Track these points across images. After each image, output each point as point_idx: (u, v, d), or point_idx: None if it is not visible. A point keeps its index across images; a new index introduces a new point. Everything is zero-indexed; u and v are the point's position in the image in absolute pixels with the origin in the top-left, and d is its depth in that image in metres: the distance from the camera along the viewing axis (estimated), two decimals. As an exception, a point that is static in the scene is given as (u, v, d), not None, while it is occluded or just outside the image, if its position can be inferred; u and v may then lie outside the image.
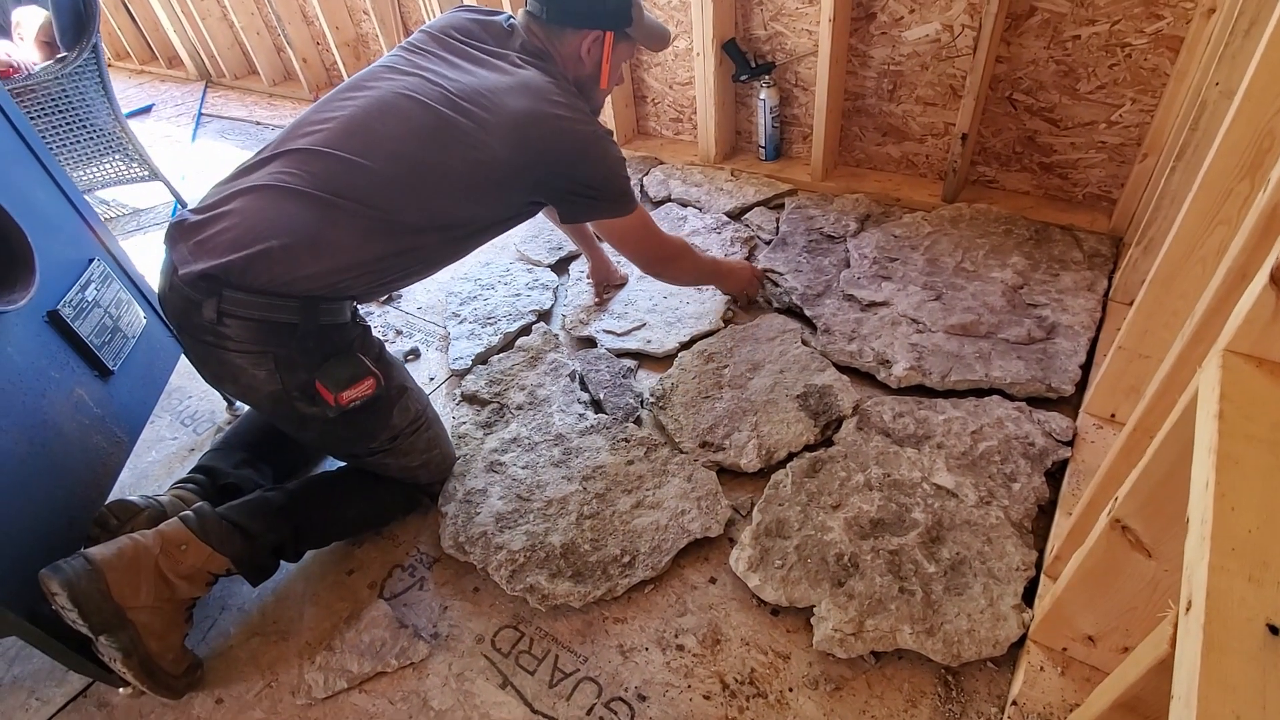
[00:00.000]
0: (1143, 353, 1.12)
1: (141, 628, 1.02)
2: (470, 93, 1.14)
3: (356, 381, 1.08)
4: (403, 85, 1.14)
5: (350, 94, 1.16)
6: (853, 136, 2.07)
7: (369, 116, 1.11)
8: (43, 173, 1.33)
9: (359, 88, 1.17)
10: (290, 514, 1.16)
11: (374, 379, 1.10)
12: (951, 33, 1.74)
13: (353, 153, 1.08)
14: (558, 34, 1.25)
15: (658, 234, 1.40)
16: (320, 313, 1.07)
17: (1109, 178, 1.75)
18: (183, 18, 3.60)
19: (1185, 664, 0.41)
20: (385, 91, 1.14)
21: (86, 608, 0.97)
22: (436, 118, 1.11)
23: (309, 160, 1.08)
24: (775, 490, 1.23)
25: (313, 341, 1.07)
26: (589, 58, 1.28)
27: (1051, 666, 0.93)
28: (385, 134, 1.10)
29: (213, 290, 1.01)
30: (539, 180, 1.19)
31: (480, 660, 1.11)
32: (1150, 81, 1.57)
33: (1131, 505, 0.71)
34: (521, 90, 1.15)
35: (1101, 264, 1.60)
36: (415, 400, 1.25)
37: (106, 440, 1.28)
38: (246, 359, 1.06)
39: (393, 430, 1.20)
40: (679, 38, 2.20)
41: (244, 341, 1.04)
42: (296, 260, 1.03)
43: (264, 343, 1.05)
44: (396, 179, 1.08)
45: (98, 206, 2.69)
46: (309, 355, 1.07)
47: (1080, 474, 1.17)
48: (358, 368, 1.09)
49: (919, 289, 1.60)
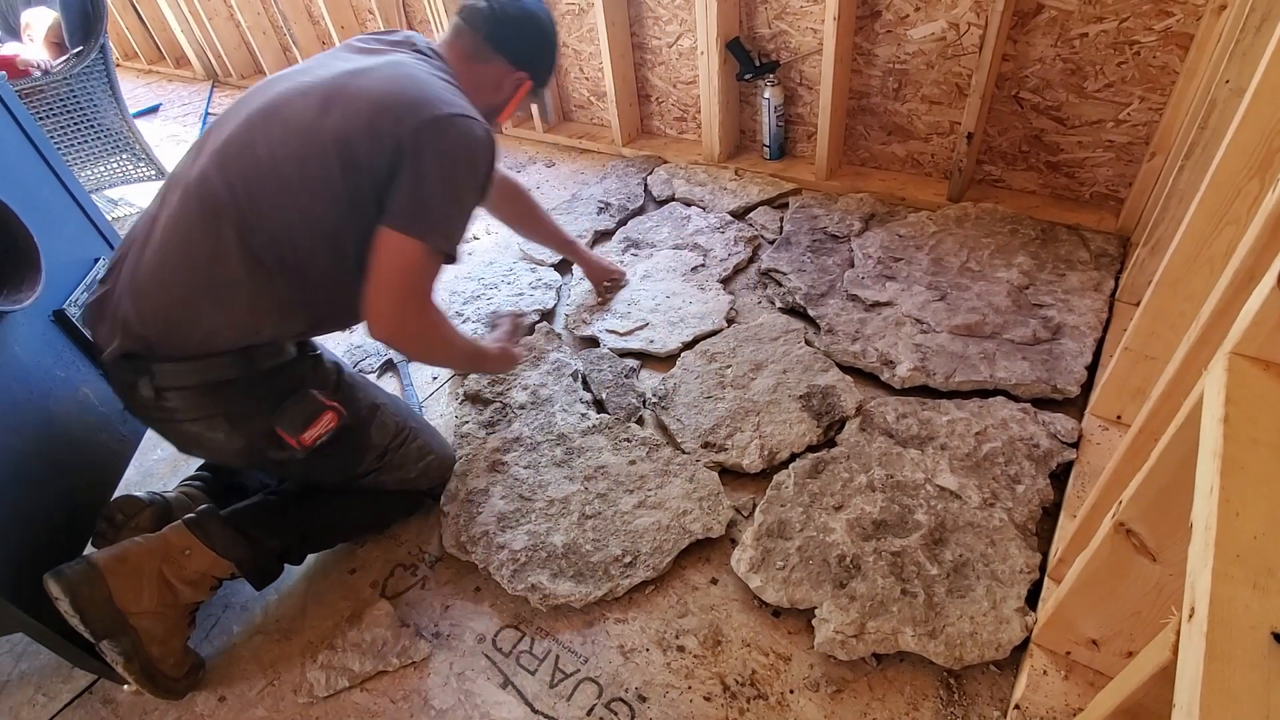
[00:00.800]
0: (1149, 354, 1.11)
1: (143, 633, 1.02)
2: (333, 81, 1.02)
3: (314, 420, 1.04)
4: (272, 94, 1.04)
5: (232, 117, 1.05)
6: (857, 135, 2.06)
7: (239, 141, 1.00)
8: (48, 172, 1.33)
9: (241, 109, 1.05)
10: (295, 518, 1.16)
11: (333, 412, 1.06)
12: (957, 31, 1.73)
13: (228, 183, 0.98)
14: (488, 58, 1.15)
15: (430, 300, 1.07)
16: (257, 359, 1.02)
17: (1116, 177, 1.73)
18: (190, 18, 3.62)
19: (1187, 673, 0.41)
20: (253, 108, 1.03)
21: (88, 613, 0.97)
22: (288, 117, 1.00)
23: (194, 197, 0.99)
24: (777, 491, 1.22)
25: (259, 390, 1.03)
26: (500, 95, 1.19)
27: (1055, 670, 0.93)
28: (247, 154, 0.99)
29: (142, 369, 0.98)
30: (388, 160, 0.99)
31: (481, 660, 1.11)
32: (1159, 79, 1.56)
33: (1136, 509, 0.71)
34: (387, 67, 1.03)
35: (1108, 264, 1.58)
36: (392, 414, 1.21)
37: (112, 438, 1.29)
38: (199, 425, 1.02)
39: (377, 450, 1.18)
40: (682, 37, 2.20)
41: (190, 410, 1.01)
42: (201, 316, 0.98)
43: (210, 406, 1.01)
44: (257, 202, 0.98)
45: (105, 205, 2.70)
46: (260, 405, 1.03)
47: (1085, 476, 1.16)
48: (311, 405, 1.04)
49: (923, 289, 1.59)
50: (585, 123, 2.67)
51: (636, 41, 2.30)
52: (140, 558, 1.03)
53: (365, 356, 1.74)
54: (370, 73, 1.04)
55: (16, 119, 1.27)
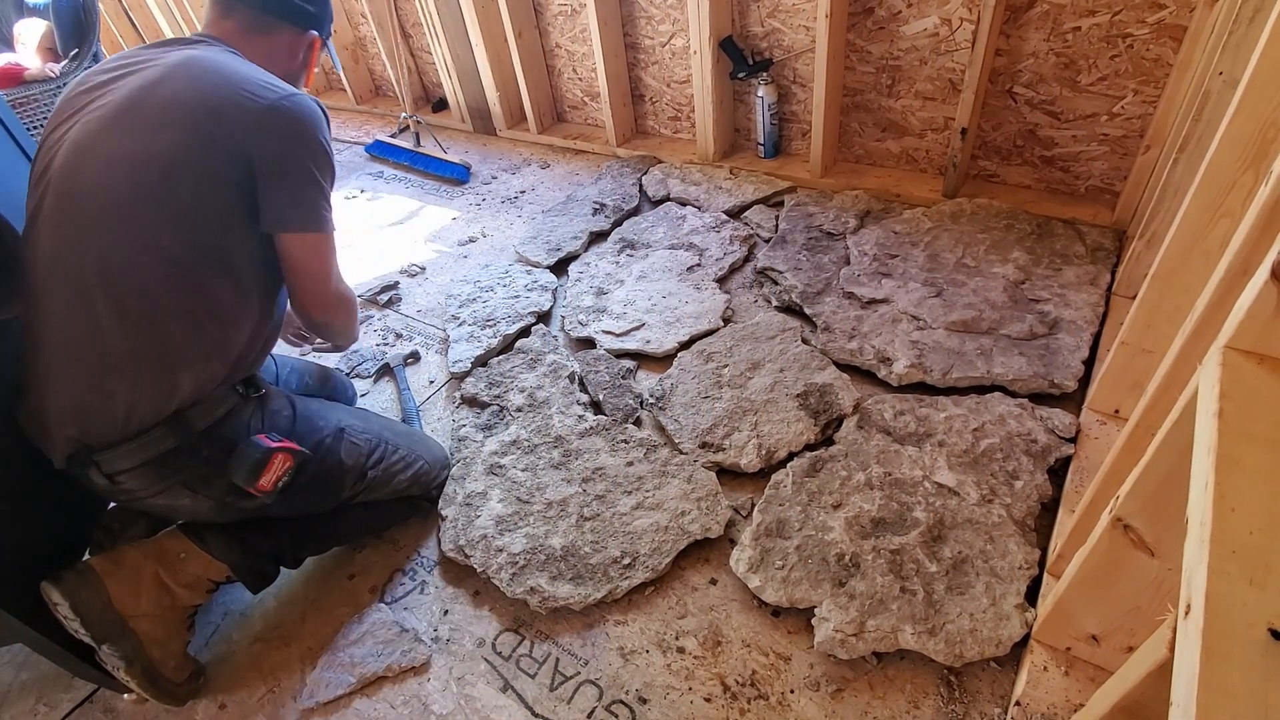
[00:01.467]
0: (1146, 348, 1.11)
1: (143, 636, 1.02)
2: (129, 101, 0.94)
3: (264, 466, 1.00)
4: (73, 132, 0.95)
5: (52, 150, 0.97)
6: (852, 132, 2.06)
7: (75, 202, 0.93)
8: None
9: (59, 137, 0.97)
10: (288, 521, 1.16)
11: (284, 453, 1.02)
12: (950, 26, 1.73)
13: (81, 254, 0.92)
14: (275, 28, 1.10)
15: (337, 273, 1.11)
16: (191, 420, 0.98)
17: (1111, 170, 1.73)
18: (183, 23, 3.61)
19: (1184, 670, 0.40)
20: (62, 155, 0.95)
21: (89, 617, 0.98)
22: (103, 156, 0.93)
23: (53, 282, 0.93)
24: (775, 490, 1.22)
25: (205, 451, 1.00)
26: (296, 62, 1.15)
27: (1055, 666, 0.92)
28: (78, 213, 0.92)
29: (86, 462, 0.96)
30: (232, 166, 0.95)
31: (481, 664, 1.11)
32: (1153, 72, 1.56)
33: (1133, 504, 0.70)
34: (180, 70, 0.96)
35: (1104, 258, 1.58)
36: (361, 433, 1.19)
37: (107, 448, 1.28)
38: (162, 499, 1.01)
39: (354, 471, 1.16)
40: (675, 36, 2.19)
41: (147, 487, 0.99)
42: (113, 399, 0.94)
43: (164, 478, 0.99)
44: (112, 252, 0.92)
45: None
46: (210, 464, 1.00)
47: (1083, 471, 1.16)
48: (255, 452, 1.00)
49: (920, 285, 1.58)
50: (579, 123, 2.67)
51: (629, 41, 2.30)
52: (137, 561, 1.04)
53: (361, 362, 1.74)
54: (167, 80, 0.95)
55: (9, 129, 1.27)
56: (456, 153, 2.66)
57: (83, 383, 0.94)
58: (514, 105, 2.68)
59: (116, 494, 1.02)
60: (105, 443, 0.96)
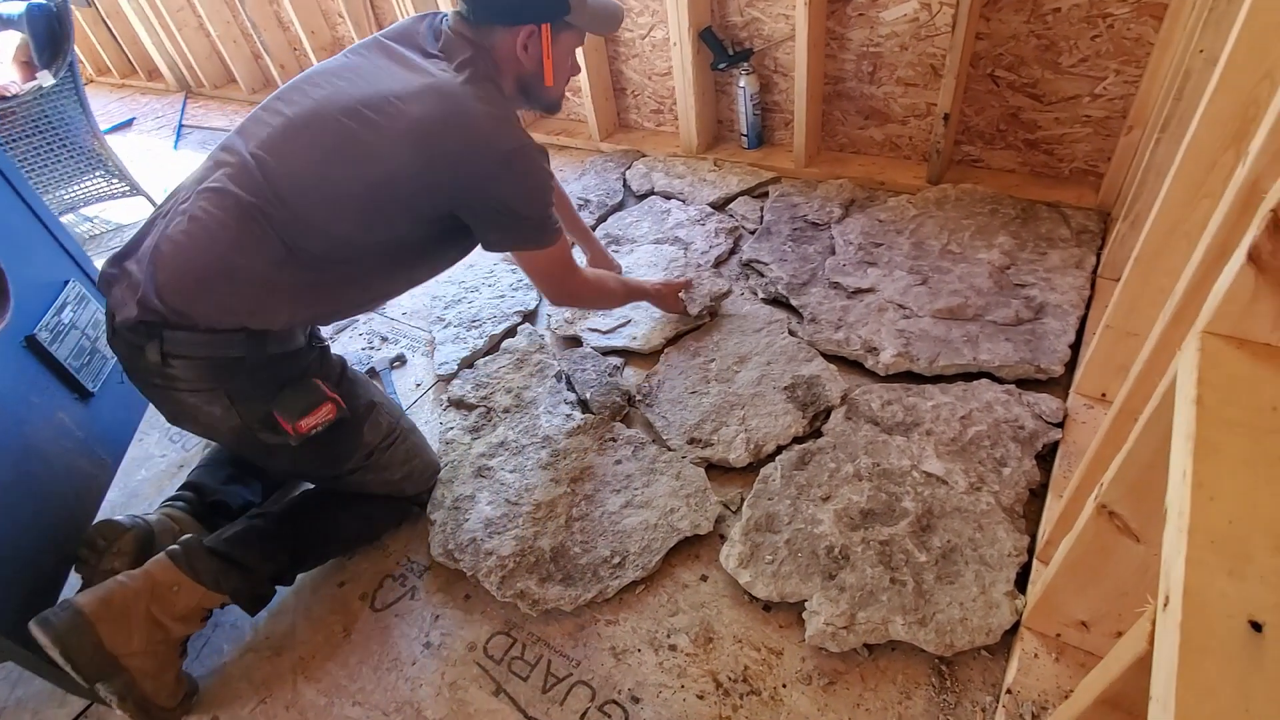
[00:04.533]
0: (1130, 330, 1.10)
1: (136, 672, 1.00)
2: (376, 100, 1.03)
3: (313, 409, 1.05)
4: (318, 96, 1.06)
5: (275, 106, 1.09)
6: (835, 121, 2.05)
7: (282, 136, 1.04)
8: (14, 196, 1.31)
9: (283, 99, 1.09)
10: (285, 541, 1.15)
11: (332, 404, 1.07)
12: (930, 11, 1.71)
13: (267, 178, 1.02)
14: (488, 33, 1.12)
15: (576, 271, 1.29)
16: (268, 342, 1.04)
17: (1095, 152, 1.72)
18: (160, 30, 3.57)
19: (1163, 664, 0.40)
20: (300, 107, 1.06)
21: (79, 660, 0.96)
22: (337, 132, 1.02)
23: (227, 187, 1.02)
24: (764, 484, 1.21)
25: (264, 373, 1.04)
26: (528, 55, 1.14)
27: (1045, 653, 0.92)
28: (293, 157, 1.03)
29: (152, 333, 0.98)
30: (452, 197, 1.08)
31: (473, 668, 1.10)
32: (1134, 52, 1.55)
33: (1117, 491, 0.70)
34: (429, 94, 1.03)
35: (1089, 240, 1.58)
36: (387, 414, 1.22)
37: (90, 463, 1.27)
38: (199, 397, 1.03)
39: (367, 448, 1.18)
40: (655, 28, 2.17)
41: (193, 381, 1.01)
42: (221, 297, 1.00)
43: (214, 380, 1.02)
44: (299, 206, 1.02)
45: (81, 225, 2.67)
46: (262, 386, 1.04)
47: (1071, 456, 1.15)
48: (313, 395, 1.05)
49: (905, 274, 1.58)
50: (562, 118, 2.65)
51: (609, 35, 2.28)
52: (127, 600, 1.01)
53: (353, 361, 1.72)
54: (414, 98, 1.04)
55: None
56: (439, 152, 2.64)
57: (203, 273, 0.99)
58: (496, 102, 2.65)
59: (156, 375, 1.02)
60: (186, 324, 0.99)
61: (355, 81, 1.07)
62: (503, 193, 1.08)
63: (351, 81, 1.08)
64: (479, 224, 1.13)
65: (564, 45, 1.18)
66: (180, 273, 0.99)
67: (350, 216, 1.05)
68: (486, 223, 1.13)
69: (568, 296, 1.35)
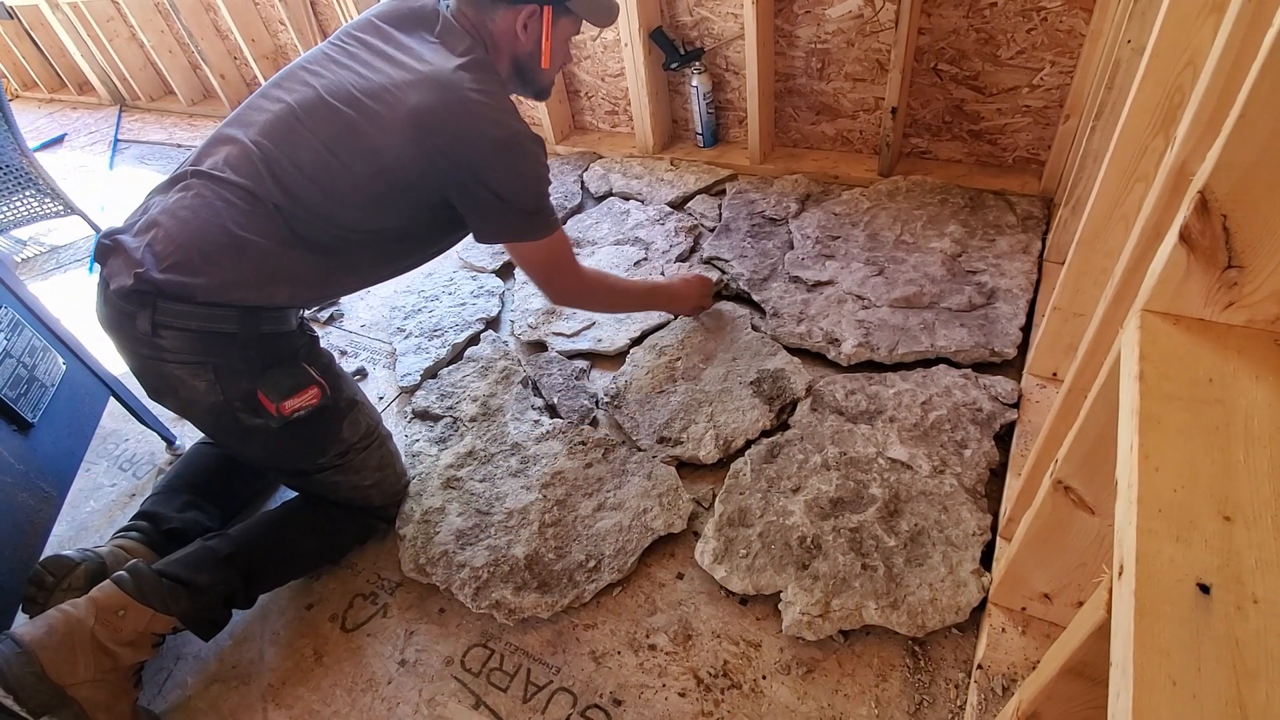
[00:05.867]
0: (1077, 311, 1.15)
1: (85, 703, 0.96)
2: (375, 89, 1.05)
3: (299, 390, 1.05)
4: (318, 85, 1.08)
5: (273, 94, 1.11)
6: (787, 117, 2.08)
7: (283, 124, 1.06)
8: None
9: (282, 86, 1.11)
10: (238, 560, 1.11)
11: (318, 388, 1.08)
12: (873, 7, 1.75)
13: (270, 166, 1.04)
14: (490, 11, 1.12)
15: (575, 267, 1.27)
16: (261, 321, 1.05)
17: (1036, 140, 1.79)
18: (89, 41, 3.42)
19: (1121, 630, 0.41)
20: (300, 95, 1.08)
21: (22, 694, 0.91)
22: (337, 121, 1.04)
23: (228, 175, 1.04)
24: (735, 479, 1.23)
25: (254, 350, 1.05)
26: (527, 35, 1.15)
27: (1013, 627, 0.95)
28: (295, 143, 1.05)
29: (145, 302, 0.98)
30: (446, 183, 1.08)
31: (451, 683, 1.08)
32: (1067, 43, 1.61)
33: (1070, 466, 0.73)
34: (427, 82, 1.04)
35: (1035, 226, 1.63)
36: (367, 415, 1.22)
37: (33, 496, 1.21)
38: (185, 370, 1.03)
39: (342, 445, 1.17)
40: (606, 29, 2.17)
41: (182, 353, 1.02)
42: (222, 267, 1.00)
43: (203, 353, 1.02)
44: (303, 195, 1.05)
45: (13, 247, 2.55)
46: (250, 364, 1.05)
47: (1028, 435, 1.19)
48: (301, 376, 1.06)
49: (862, 265, 1.61)
50: (516, 123, 2.62)
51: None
52: (69, 627, 0.97)
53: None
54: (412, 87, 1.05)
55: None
56: (391, 160, 2.59)
57: (205, 247, 1.00)
58: (447, 108, 2.61)
59: (144, 345, 1.01)
60: (180, 296, 0.98)
61: (353, 69, 1.09)
62: (495, 179, 1.07)
63: (350, 69, 1.09)
64: (471, 212, 1.13)
65: (562, 30, 1.20)
66: (185, 246, 1.00)
67: (355, 205, 1.07)
68: (477, 210, 1.12)
69: (570, 295, 1.31)
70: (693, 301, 1.54)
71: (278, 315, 1.08)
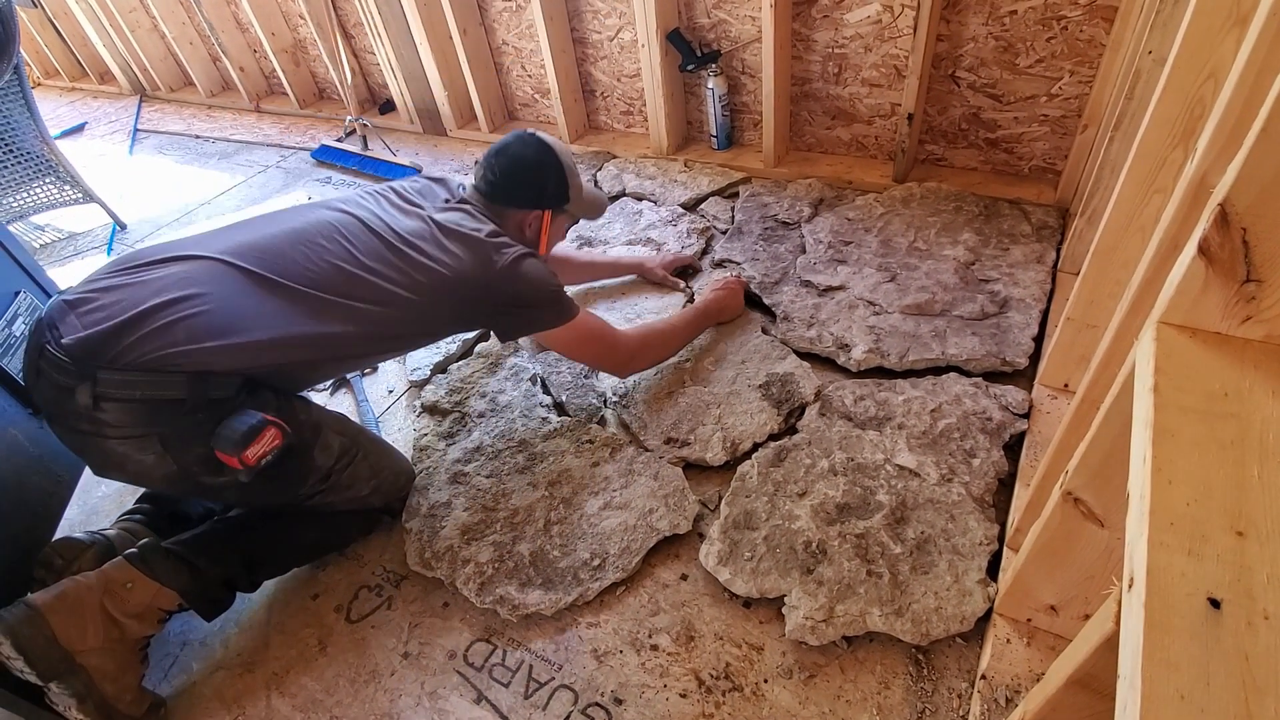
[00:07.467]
0: (1090, 323, 1.14)
1: (93, 671, 0.98)
2: (414, 232, 1.18)
3: (257, 436, 0.98)
4: (349, 210, 1.20)
5: (279, 217, 1.20)
6: (802, 121, 2.07)
7: (308, 229, 1.15)
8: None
9: (292, 211, 1.22)
10: (239, 544, 1.12)
11: (275, 428, 1.01)
12: (892, 13, 1.75)
13: (288, 251, 1.11)
14: (501, 210, 1.30)
15: (615, 334, 1.34)
16: (210, 387, 0.99)
17: (1052, 150, 1.77)
18: (111, 31, 3.46)
19: (1129, 643, 0.41)
20: (326, 213, 1.19)
21: (32, 654, 0.93)
22: (376, 242, 1.15)
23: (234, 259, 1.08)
24: (742, 482, 1.22)
25: (203, 413, 0.99)
26: (529, 231, 1.34)
27: (1018, 638, 0.95)
28: (323, 244, 1.13)
29: (84, 374, 0.94)
30: (468, 320, 1.28)
31: (453, 677, 1.09)
32: (1087, 53, 1.60)
33: (1081, 478, 0.72)
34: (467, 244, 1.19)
35: (1049, 236, 1.62)
36: (337, 435, 1.17)
37: (46, 480, 1.23)
38: (129, 445, 0.98)
39: (320, 471, 1.14)
40: (623, 30, 2.18)
41: (124, 426, 0.97)
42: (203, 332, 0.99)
43: (147, 424, 0.97)
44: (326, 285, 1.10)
45: (32, 233, 2.58)
46: (199, 429, 0.99)
47: (1037, 445, 1.19)
48: (251, 418, 0.99)
49: (874, 271, 1.61)
50: (531, 120, 2.64)
51: (577, 36, 2.28)
52: (80, 594, 0.99)
53: (317, 374, 1.69)
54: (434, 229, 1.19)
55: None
56: (406, 155, 2.61)
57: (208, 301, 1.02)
58: (463, 105, 2.63)
59: (83, 421, 0.96)
60: (123, 362, 0.95)
61: (388, 215, 1.21)
62: (510, 293, 1.20)
63: (384, 214, 1.21)
64: (495, 324, 1.27)
65: (559, 226, 1.41)
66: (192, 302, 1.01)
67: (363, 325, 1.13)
68: (502, 319, 1.25)
69: (627, 362, 1.37)
70: (737, 302, 1.60)
71: (227, 381, 1.01)
